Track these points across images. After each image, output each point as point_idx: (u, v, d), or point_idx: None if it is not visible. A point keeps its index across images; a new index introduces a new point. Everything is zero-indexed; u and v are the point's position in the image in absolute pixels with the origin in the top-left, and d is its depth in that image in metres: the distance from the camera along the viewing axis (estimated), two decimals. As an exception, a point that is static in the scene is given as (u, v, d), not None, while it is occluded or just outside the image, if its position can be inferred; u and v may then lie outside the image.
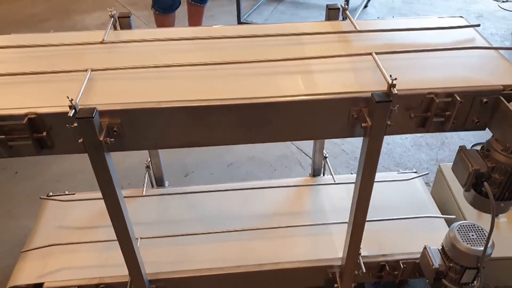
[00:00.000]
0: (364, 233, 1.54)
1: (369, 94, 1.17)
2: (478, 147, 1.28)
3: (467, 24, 1.51)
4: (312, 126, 1.26)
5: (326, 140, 2.19)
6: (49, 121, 1.15)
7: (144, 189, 2.03)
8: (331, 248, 1.80)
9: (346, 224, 1.79)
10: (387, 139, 2.89)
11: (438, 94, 1.16)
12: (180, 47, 1.44)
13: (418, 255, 1.73)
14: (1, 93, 1.22)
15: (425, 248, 1.63)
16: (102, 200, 2.03)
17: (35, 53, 1.40)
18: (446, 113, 1.18)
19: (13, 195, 2.46)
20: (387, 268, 1.73)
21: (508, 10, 4.49)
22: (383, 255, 1.75)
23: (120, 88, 1.24)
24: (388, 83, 1.13)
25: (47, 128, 1.16)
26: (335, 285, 1.74)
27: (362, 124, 1.18)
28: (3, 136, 1.15)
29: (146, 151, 2.16)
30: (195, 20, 3.45)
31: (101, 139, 1.12)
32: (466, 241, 1.47)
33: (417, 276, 1.79)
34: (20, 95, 1.21)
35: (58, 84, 1.25)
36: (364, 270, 1.62)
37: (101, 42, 1.43)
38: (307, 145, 2.84)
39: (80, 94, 1.16)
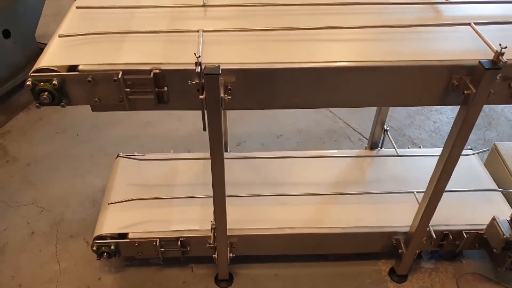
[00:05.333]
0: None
1: (472, 62, 1.23)
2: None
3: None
4: (408, 92, 1.33)
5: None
6: (170, 77, 1.23)
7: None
8: (395, 215, 1.88)
9: (412, 194, 1.89)
10: (434, 118, 2.94)
11: (541, 64, 1.22)
12: (283, 11, 1.49)
13: (481, 227, 1.81)
14: (118, 49, 1.29)
15: (493, 219, 1.71)
16: (170, 161, 2.15)
17: (139, 14, 1.46)
18: (547, 85, 1.24)
19: (77, 155, 2.56)
20: (450, 238, 1.81)
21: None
22: (447, 225, 1.83)
23: (229, 49, 1.31)
24: (495, 51, 1.19)
25: (166, 83, 1.24)
26: (399, 251, 1.83)
27: (465, 92, 1.24)
28: (128, 90, 1.22)
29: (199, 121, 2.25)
30: None
31: (222, 95, 1.20)
32: (541, 212, 1.55)
33: (477, 247, 1.88)
34: (138, 52, 1.28)
35: (171, 43, 1.32)
36: (435, 236, 1.70)
37: (203, 6, 1.49)
38: (355, 120, 2.90)
39: (200, 53, 1.23)
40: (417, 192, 1.87)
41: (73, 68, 1.20)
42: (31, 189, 2.35)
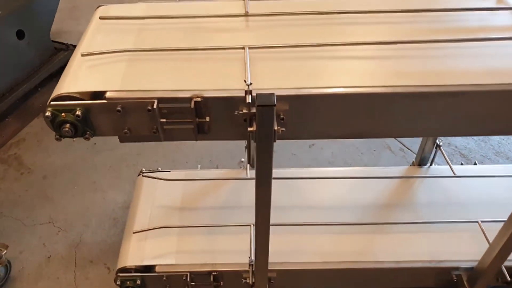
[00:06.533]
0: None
1: None
2: None
3: None
4: (497, 120, 1.11)
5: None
6: (214, 105, 1.02)
7: (248, 171, 1.90)
8: (455, 248, 1.66)
9: (476, 224, 1.67)
10: (481, 127, 2.69)
11: None
12: (337, 20, 1.27)
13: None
14: (151, 70, 1.09)
15: None
16: (198, 182, 1.95)
17: (173, 25, 1.25)
18: None
19: (95, 167, 2.38)
20: (522, 275, 1.59)
21: None
22: (519, 261, 1.60)
23: (280, 69, 1.10)
24: None
25: (208, 113, 1.03)
26: (461, 289, 1.62)
27: None
28: (164, 120, 1.02)
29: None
30: None
31: (275, 128, 0.99)
32: None
33: (549, 284, 1.65)
34: (175, 74, 1.08)
35: (212, 62, 1.11)
36: (509, 279, 1.48)
37: (245, 15, 1.28)
38: (393, 129, 2.67)
39: (248, 77, 1.02)
40: (481, 221, 1.65)
41: (98, 94, 1.01)
42: (47, 205, 2.18)
